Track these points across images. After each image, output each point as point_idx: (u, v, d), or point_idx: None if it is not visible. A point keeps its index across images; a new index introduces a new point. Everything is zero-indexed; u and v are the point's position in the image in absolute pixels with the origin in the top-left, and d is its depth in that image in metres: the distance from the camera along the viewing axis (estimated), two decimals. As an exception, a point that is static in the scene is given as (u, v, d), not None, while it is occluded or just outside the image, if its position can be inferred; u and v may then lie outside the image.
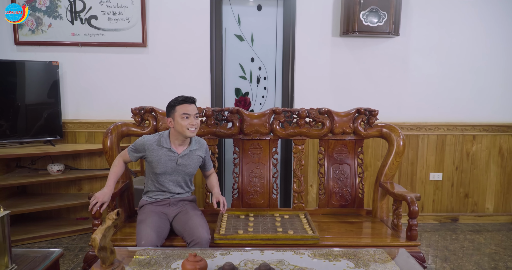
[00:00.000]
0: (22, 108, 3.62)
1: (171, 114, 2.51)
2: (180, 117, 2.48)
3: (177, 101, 2.50)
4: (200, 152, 2.67)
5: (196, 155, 2.65)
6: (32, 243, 3.44)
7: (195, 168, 2.68)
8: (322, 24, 3.84)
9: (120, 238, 2.52)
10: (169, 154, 2.57)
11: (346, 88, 3.93)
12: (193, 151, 2.63)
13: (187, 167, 2.62)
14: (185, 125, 2.48)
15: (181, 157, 2.58)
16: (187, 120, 2.48)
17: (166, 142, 2.57)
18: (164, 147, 2.56)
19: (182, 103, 2.50)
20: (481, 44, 3.93)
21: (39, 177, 3.56)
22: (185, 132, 2.50)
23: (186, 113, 2.48)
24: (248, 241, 2.47)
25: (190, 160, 2.62)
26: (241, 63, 4.04)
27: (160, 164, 2.56)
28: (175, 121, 2.50)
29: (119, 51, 3.79)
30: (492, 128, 4.00)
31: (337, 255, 2.04)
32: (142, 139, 2.59)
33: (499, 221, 4.13)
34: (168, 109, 2.54)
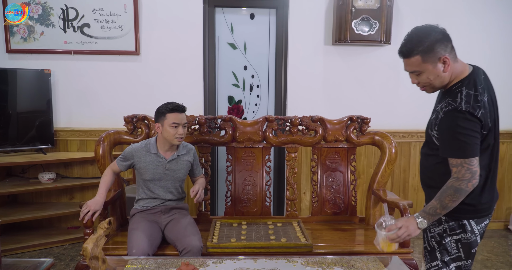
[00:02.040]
0: (13, 116, 3.60)
1: (161, 120, 2.51)
2: (169, 125, 2.48)
3: (168, 109, 2.50)
4: (188, 157, 2.67)
5: (184, 160, 2.65)
6: (23, 253, 3.40)
7: (184, 173, 2.67)
8: (315, 32, 3.87)
9: (112, 247, 2.50)
10: (157, 159, 2.57)
11: (338, 96, 3.94)
12: (181, 156, 2.63)
13: (175, 172, 2.61)
14: (173, 134, 2.49)
15: (169, 162, 2.58)
16: (176, 129, 2.49)
17: (153, 148, 2.58)
18: (151, 153, 2.57)
19: (173, 111, 2.49)
20: (471, 52, 3.96)
21: (30, 185, 3.53)
22: (172, 141, 2.52)
23: (176, 123, 2.48)
24: (241, 249, 2.46)
25: (178, 165, 2.62)
26: (234, 71, 4.05)
27: (149, 170, 2.56)
28: (164, 128, 2.50)
29: (111, 59, 3.79)
30: (483, 135, 4.02)
31: (330, 263, 2.04)
32: (130, 147, 2.60)
33: (491, 227, 4.15)
34: (158, 115, 2.53)
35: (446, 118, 1.67)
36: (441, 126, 1.70)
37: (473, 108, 1.64)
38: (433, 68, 1.70)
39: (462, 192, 1.67)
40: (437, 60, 1.68)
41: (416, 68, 1.73)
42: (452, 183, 1.68)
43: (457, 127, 1.64)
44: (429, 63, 1.69)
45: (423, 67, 1.71)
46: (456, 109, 1.65)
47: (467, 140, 1.65)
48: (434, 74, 1.71)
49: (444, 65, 1.69)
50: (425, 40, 1.67)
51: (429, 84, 1.76)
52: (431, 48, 1.67)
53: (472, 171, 1.66)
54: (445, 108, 1.68)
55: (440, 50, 1.68)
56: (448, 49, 1.70)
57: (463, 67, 1.76)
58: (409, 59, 1.72)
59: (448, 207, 1.69)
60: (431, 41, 1.67)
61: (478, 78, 1.74)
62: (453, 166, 1.68)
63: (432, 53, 1.67)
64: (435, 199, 1.71)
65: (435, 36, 1.67)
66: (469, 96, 1.66)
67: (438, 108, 1.74)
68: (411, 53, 1.70)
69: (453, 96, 1.68)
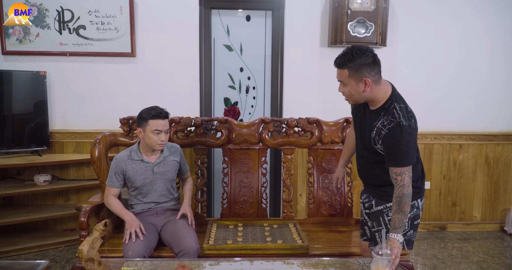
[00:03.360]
0: (9, 118, 3.59)
1: (142, 125, 2.49)
2: (151, 131, 2.47)
3: (150, 114, 2.47)
4: (174, 157, 2.67)
5: (171, 160, 2.65)
6: (18, 255, 3.39)
7: (173, 174, 2.67)
8: (310, 34, 3.88)
9: (107, 249, 2.49)
10: (144, 165, 2.57)
11: (334, 98, 3.91)
12: (167, 157, 2.63)
13: (164, 174, 2.61)
14: (155, 140, 2.48)
15: (156, 165, 2.58)
16: (158, 136, 2.48)
17: (137, 154, 2.57)
18: (136, 159, 2.56)
19: (155, 118, 2.47)
20: (467, 54, 3.99)
21: (26, 187, 3.51)
22: (154, 147, 2.52)
23: (158, 129, 2.47)
24: (237, 251, 2.46)
25: (166, 166, 2.62)
26: (230, 73, 4.06)
27: (138, 176, 2.55)
28: (145, 133, 2.49)
29: (107, 61, 3.78)
30: (479, 137, 4.05)
31: (327, 265, 2.04)
32: (115, 159, 2.58)
33: (487, 229, 4.17)
34: (140, 120, 2.51)
35: (390, 133, 1.90)
36: (386, 141, 1.92)
37: (409, 120, 1.92)
38: (356, 85, 1.93)
39: (411, 195, 1.92)
40: (361, 80, 1.91)
41: (343, 79, 1.97)
42: (402, 191, 1.90)
43: (401, 140, 1.88)
44: (353, 80, 1.93)
45: (348, 81, 1.95)
46: (398, 125, 1.88)
47: (409, 150, 1.90)
48: (355, 91, 1.95)
49: (365, 86, 1.92)
50: (357, 60, 1.89)
51: (350, 97, 2.01)
52: (359, 68, 1.90)
53: (410, 176, 1.93)
54: (388, 125, 1.91)
55: (365, 72, 1.91)
56: (373, 73, 1.92)
57: (387, 86, 2.01)
58: (340, 70, 1.96)
59: (408, 212, 1.92)
60: (361, 62, 1.89)
61: (397, 92, 2.04)
62: (397, 174, 1.91)
63: (358, 73, 1.91)
64: (397, 213, 1.91)
65: (366, 59, 1.90)
66: (402, 110, 1.94)
67: (378, 125, 1.96)
68: (342, 65, 1.94)
69: (391, 113, 1.93)
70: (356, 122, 2.17)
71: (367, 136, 2.03)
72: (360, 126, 2.11)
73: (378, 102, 1.99)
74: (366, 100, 2.02)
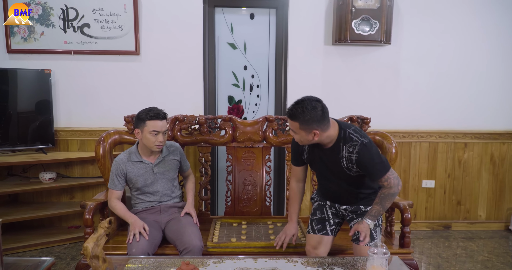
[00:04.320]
0: (14, 116, 3.60)
1: (140, 126, 2.48)
2: (149, 133, 2.46)
3: (148, 115, 2.46)
4: (174, 156, 2.67)
5: (170, 159, 2.65)
6: (24, 252, 3.41)
7: (174, 172, 2.68)
8: (314, 32, 3.87)
9: (112, 247, 2.50)
10: (144, 166, 2.57)
11: (338, 96, 3.94)
12: (166, 157, 2.64)
13: (165, 173, 2.62)
14: (153, 142, 2.47)
15: (156, 165, 2.59)
16: (156, 137, 2.47)
17: (136, 156, 2.57)
18: (135, 161, 2.56)
19: (153, 118, 2.46)
20: (472, 53, 3.97)
21: (31, 185, 3.53)
22: (152, 148, 2.51)
23: (155, 130, 2.46)
24: (241, 249, 2.46)
25: (166, 166, 2.62)
26: (234, 71, 4.06)
27: (139, 177, 2.56)
28: (143, 134, 2.48)
29: (111, 59, 3.79)
30: (484, 135, 4.03)
31: (331, 263, 2.04)
32: (115, 162, 2.58)
33: (492, 228, 4.15)
34: (138, 121, 2.50)
35: (361, 155, 2.10)
36: (361, 162, 2.11)
37: (365, 137, 2.15)
38: (306, 135, 2.10)
39: (395, 195, 2.17)
40: (310, 131, 2.08)
41: (294, 129, 2.13)
42: (387, 191, 2.14)
43: (372, 155, 2.10)
44: (303, 131, 2.09)
45: (298, 131, 2.11)
46: (363, 145, 2.10)
47: (382, 159, 2.14)
48: (305, 139, 2.13)
49: (314, 136, 2.09)
50: (307, 115, 2.04)
51: (300, 142, 2.18)
52: (309, 123, 2.05)
53: (396, 177, 2.14)
54: (354, 149, 2.11)
55: (314, 126, 2.06)
56: (322, 125, 2.08)
57: (333, 126, 2.16)
58: (291, 121, 2.12)
59: (387, 208, 2.20)
60: (311, 118, 2.04)
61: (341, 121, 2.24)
62: (384, 181, 2.12)
63: (308, 127, 2.07)
64: (377, 205, 2.17)
65: (316, 115, 2.04)
66: (356, 132, 2.16)
67: (344, 154, 2.14)
68: (293, 118, 2.09)
69: (349, 140, 2.13)
70: (313, 161, 2.32)
71: (337, 168, 2.20)
72: (322, 162, 2.27)
73: (329, 140, 2.16)
74: (317, 142, 2.17)
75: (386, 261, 1.79)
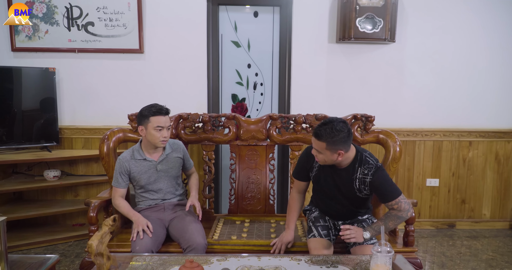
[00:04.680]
0: (18, 114, 3.62)
1: (144, 123, 2.50)
2: (153, 128, 2.47)
3: (151, 112, 2.48)
4: (177, 154, 2.68)
5: (174, 157, 2.66)
6: (29, 249, 3.43)
7: (177, 170, 2.68)
8: (318, 30, 3.86)
9: (116, 245, 2.51)
10: (147, 164, 2.58)
11: (342, 94, 3.94)
12: (169, 154, 2.64)
13: (168, 171, 2.62)
14: (157, 137, 2.49)
15: (159, 163, 2.59)
16: (160, 132, 2.48)
17: (139, 153, 2.58)
18: (139, 159, 2.57)
19: (156, 114, 2.48)
20: (477, 51, 3.95)
21: (36, 183, 3.55)
22: (157, 144, 2.52)
23: (160, 126, 2.48)
24: (240, 246, 2.47)
25: (169, 164, 2.63)
26: (237, 69, 4.06)
27: (142, 175, 2.57)
28: (148, 131, 2.50)
29: (115, 57, 3.80)
30: (489, 134, 4.01)
31: (334, 261, 2.04)
32: (119, 160, 2.59)
33: (496, 227, 4.14)
34: (141, 118, 2.51)
35: (375, 177, 2.21)
36: (374, 184, 2.22)
37: (378, 161, 2.28)
38: (331, 155, 2.18)
39: (403, 219, 2.26)
40: (335, 152, 2.16)
41: (319, 149, 2.19)
42: (395, 213, 2.24)
43: (386, 179, 2.24)
44: (329, 151, 2.16)
45: (324, 151, 2.18)
46: (377, 168, 2.23)
47: (393, 183, 2.27)
48: (329, 159, 2.20)
49: (338, 156, 2.18)
50: (335, 137, 2.12)
51: (323, 162, 2.25)
52: (335, 144, 2.13)
53: (408, 203, 2.25)
54: (369, 172, 2.22)
55: (340, 147, 2.15)
56: (346, 146, 2.18)
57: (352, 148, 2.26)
58: (318, 141, 2.17)
59: (390, 228, 2.29)
60: (338, 139, 2.12)
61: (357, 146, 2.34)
62: (394, 204, 2.22)
63: (334, 147, 2.15)
64: (381, 221, 2.25)
65: (343, 136, 2.13)
66: (371, 156, 2.29)
67: (357, 176, 2.25)
68: (320, 138, 2.15)
69: (366, 162, 2.24)
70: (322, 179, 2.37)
71: (348, 188, 2.30)
72: (333, 182, 2.34)
73: (347, 160, 2.26)
74: (337, 163, 2.25)
75: (390, 259, 1.79)
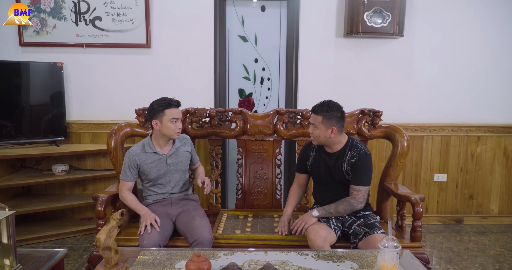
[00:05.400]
0: (26, 109, 3.64)
1: (159, 117, 2.52)
2: (169, 121, 2.51)
3: (164, 105, 2.51)
4: (186, 148, 2.71)
5: (183, 151, 2.68)
6: (37, 243, 3.46)
7: (186, 164, 2.70)
8: (326, 25, 3.84)
9: (124, 239, 2.53)
10: (157, 157, 2.59)
11: (349, 89, 3.92)
12: (179, 148, 2.66)
13: (178, 165, 2.64)
14: (173, 129, 2.52)
15: (169, 157, 2.61)
16: (175, 124, 2.52)
17: (150, 147, 2.59)
18: (149, 152, 2.58)
19: (170, 106, 2.52)
20: (485, 46, 3.91)
21: (44, 177, 3.57)
22: (173, 136, 2.55)
23: (175, 118, 2.52)
24: (244, 241, 2.48)
25: (179, 157, 2.65)
26: (244, 64, 4.05)
27: (152, 168, 2.58)
28: (163, 124, 2.52)
29: (123, 52, 3.80)
30: (497, 129, 3.98)
31: (341, 256, 2.04)
32: (129, 153, 2.60)
33: (504, 222, 4.11)
34: (154, 112, 2.53)
35: (359, 159, 2.40)
36: (355, 165, 2.40)
37: (368, 150, 2.47)
38: (325, 130, 2.41)
39: (352, 208, 2.41)
40: (329, 127, 2.40)
41: (316, 123, 2.42)
42: (349, 199, 2.41)
43: (367, 165, 2.42)
44: (323, 125, 2.40)
45: (319, 125, 2.41)
46: (365, 153, 2.43)
47: (369, 174, 2.44)
48: (323, 135, 2.42)
49: (331, 133, 2.40)
50: (330, 112, 2.39)
51: (317, 138, 2.45)
52: (330, 117, 2.39)
53: (365, 198, 2.42)
54: (357, 154, 2.41)
55: (333, 122, 2.40)
56: (339, 125, 2.42)
57: (344, 134, 2.51)
58: (315, 115, 2.42)
59: (340, 212, 2.43)
60: (333, 114, 2.39)
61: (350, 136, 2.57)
62: (355, 190, 2.40)
63: (329, 121, 2.39)
64: (334, 205, 2.43)
65: (337, 113, 2.40)
66: (361, 143, 2.49)
67: (347, 158, 2.44)
68: (318, 113, 2.41)
69: (355, 146, 2.45)
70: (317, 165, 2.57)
71: (339, 171, 2.46)
72: (325, 166, 2.52)
73: (339, 144, 2.48)
74: (327, 144, 2.48)
75: (397, 254, 1.79)
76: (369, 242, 2.30)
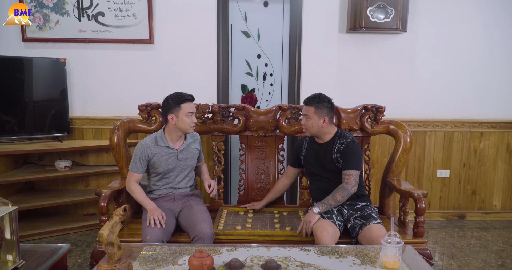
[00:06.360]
0: (29, 105, 3.64)
1: (175, 111, 2.53)
2: (186, 115, 2.53)
3: (180, 100, 2.54)
4: (196, 145, 2.73)
5: (193, 148, 2.70)
6: (40, 239, 3.47)
7: (194, 161, 2.72)
8: (329, 20, 3.82)
9: (127, 234, 2.54)
10: (169, 151, 2.60)
11: (352, 85, 3.91)
12: (189, 144, 2.68)
13: (187, 161, 2.65)
14: (189, 123, 2.55)
15: (180, 152, 2.62)
16: (191, 118, 2.56)
17: (163, 140, 2.60)
18: (162, 145, 2.59)
19: (186, 101, 2.55)
20: (489, 41, 3.89)
21: (47, 173, 3.58)
22: (188, 129, 2.57)
23: (190, 112, 2.54)
24: (245, 237, 2.49)
25: (189, 153, 2.67)
26: (247, 60, 4.04)
27: (162, 162, 2.58)
28: (179, 118, 2.53)
29: (125, 48, 3.80)
30: (500, 125, 3.97)
31: (344, 252, 2.04)
32: (140, 145, 2.60)
33: (507, 218, 4.11)
34: (170, 106, 2.54)
35: (348, 146, 2.54)
36: (345, 151, 2.53)
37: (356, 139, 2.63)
38: (317, 120, 2.55)
39: (347, 192, 2.48)
40: (321, 117, 2.55)
41: (308, 114, 2.56)
42: (342, 185, 2.50)
43: (355, 151, 2.54)
44: (316, 115, 2.55)
45: (312, 115, 2.55)
46: (352, 140, 2.57)
47: (359, 159, 2.58)
48: (315, 125, 2.56)
49: (323, 123, 2.56)
50: (321, 102, 2.56)
51: (310, 129, 2.59)
52: (322, 108, 2.55)
53: (357, 181, 2.51)
54: (345, 141, 2.56)
55: (325, 112, 2.56)
56: (330, 115, 2.59)
57: (333, 126, 2.69)
58: (307, 106, 2.57)
59: (339, 201, 2.48)
60: (324, 105, 2.56)
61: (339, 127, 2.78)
62: (347, 175, 2.50)
63: (321, 111, 2.55)
64: (331, 196, 2.48)
65: (327, 104, 2.58)
66: (349, 133, 2.65)
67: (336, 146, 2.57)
68: (310, 104, 2.57)
69: (344, 136, 2.60)
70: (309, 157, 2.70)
71: (329, 160, 2.59)
72: (317, 156, 2.65)
73: (329, 134, 2.62)
74: (319, 134, 2.61)
75: (400, 250, 1.79)
76: (365, 233, 2.35)
